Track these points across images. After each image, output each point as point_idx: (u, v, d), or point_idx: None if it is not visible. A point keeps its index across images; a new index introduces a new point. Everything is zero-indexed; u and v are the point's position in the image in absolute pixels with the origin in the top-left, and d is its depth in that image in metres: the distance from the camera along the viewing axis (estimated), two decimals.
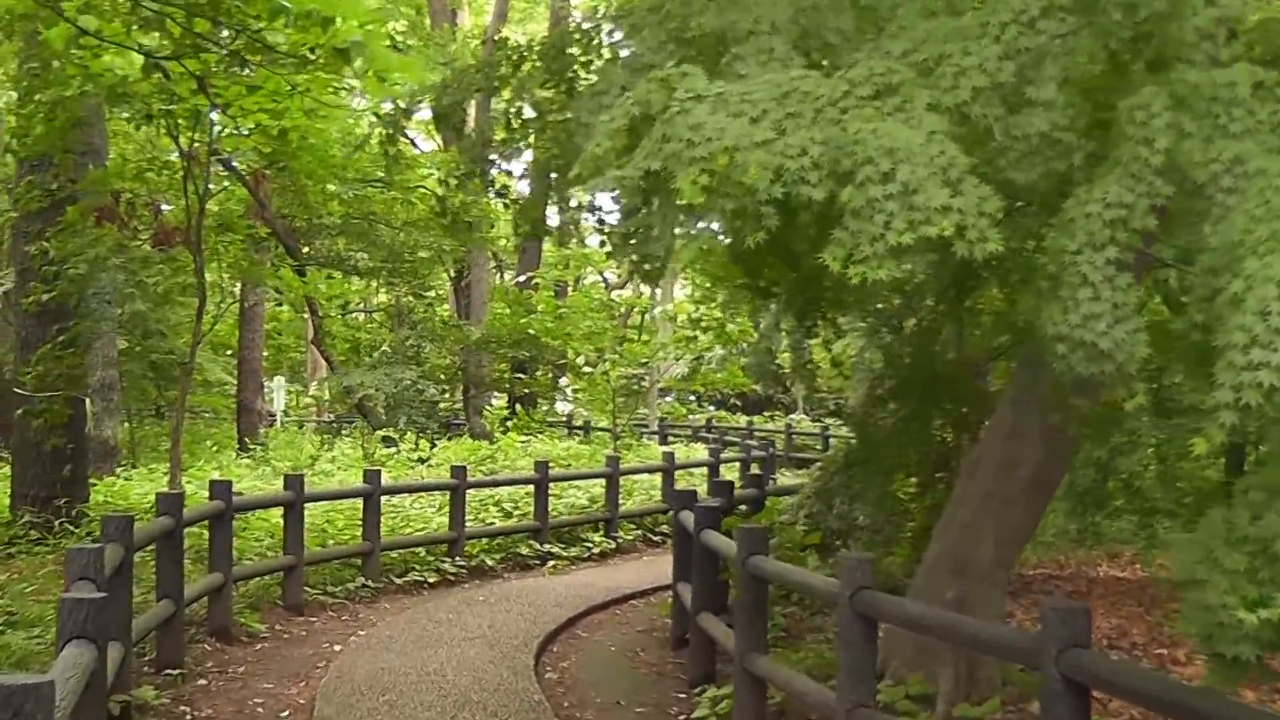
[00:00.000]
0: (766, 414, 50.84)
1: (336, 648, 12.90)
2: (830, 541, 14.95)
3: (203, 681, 11.35)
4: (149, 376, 20.35)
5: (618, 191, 7.12)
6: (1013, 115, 7.01)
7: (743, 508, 15.79)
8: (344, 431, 37.06)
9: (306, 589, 15.00)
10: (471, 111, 33.97)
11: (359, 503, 16.68)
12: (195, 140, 15.18)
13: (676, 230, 7.33)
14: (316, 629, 13.97)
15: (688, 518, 12.50)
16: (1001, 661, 9.86)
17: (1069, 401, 8.47)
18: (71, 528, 15.94)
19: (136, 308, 15.06)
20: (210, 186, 16.01)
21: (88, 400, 16.72)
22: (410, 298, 36.68)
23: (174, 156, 16.46)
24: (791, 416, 48.48)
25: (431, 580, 17.00)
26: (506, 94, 11.52)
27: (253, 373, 31.36)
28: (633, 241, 7.33)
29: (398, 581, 16.66)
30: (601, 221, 11.86)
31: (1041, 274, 7.00)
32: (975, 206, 6.46)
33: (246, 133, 13.79)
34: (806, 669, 10.99)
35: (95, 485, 18.81)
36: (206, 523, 13.16)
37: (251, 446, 29.17)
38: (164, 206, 16.44)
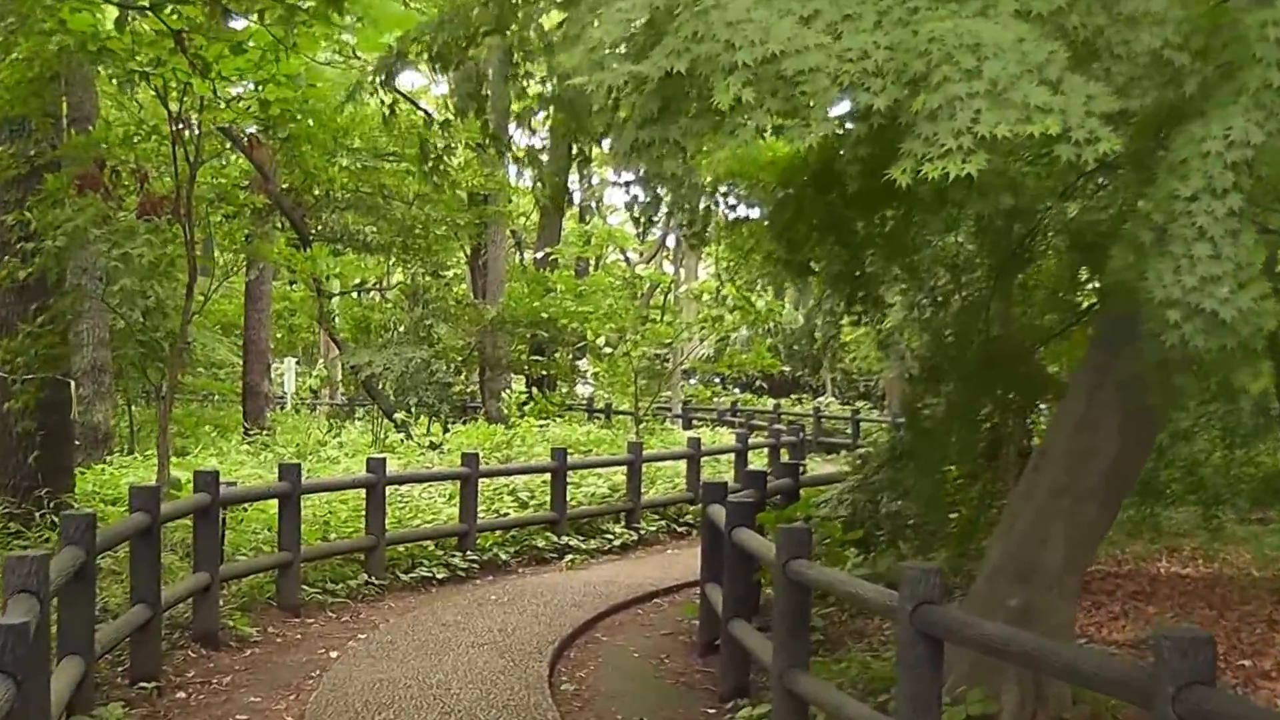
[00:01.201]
0: (794, 397, 49.67)
1: (333, 654, 11.78)
2: (872, 537, 13.83)
3: (181, 694, 10.23)
4: (150, 357, 19.13)
5: (628, 93, 5.88)
6: (1116, 27, 5.77)
7: (775, 499, 14.71)
8: (357, 415, 36.04)
9: (304, 588, 13.90)
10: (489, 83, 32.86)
11: (364, 493, 15.54)
12: (185, 104, 14.03)
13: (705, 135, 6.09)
14: (313, 632, 12.85)
15: (718, 513, 11.35)
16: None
17: (1174, 382, 7.20)
18: (54, 519, 14.79)
19: (122, 283, 13.84)
20: (201, 154, 14.78)
21: (73, 383, 15.54)
22: (428, 277, 35.53)
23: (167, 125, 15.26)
24: (820, 399, 47.32)
25: (440, 576, 15.88)
26: (515, 26, 10.27)
27: (259, 354, 30.21)
28: (647, 150, 6.06)
29: (404, 578, 15.53)
30: (629, 190, 10.75)
31: (1144, 224, 5.79)
32: (1082, 105, 5.27)
33: (226, 101, 12.68)
34: (850, 681, 9.91)
35: (84, 473, 17.73)
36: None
37: (257, 431, 28.07)
38: (151, 175, 15.17)
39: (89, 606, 8.47)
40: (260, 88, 12.51)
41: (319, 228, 29.70)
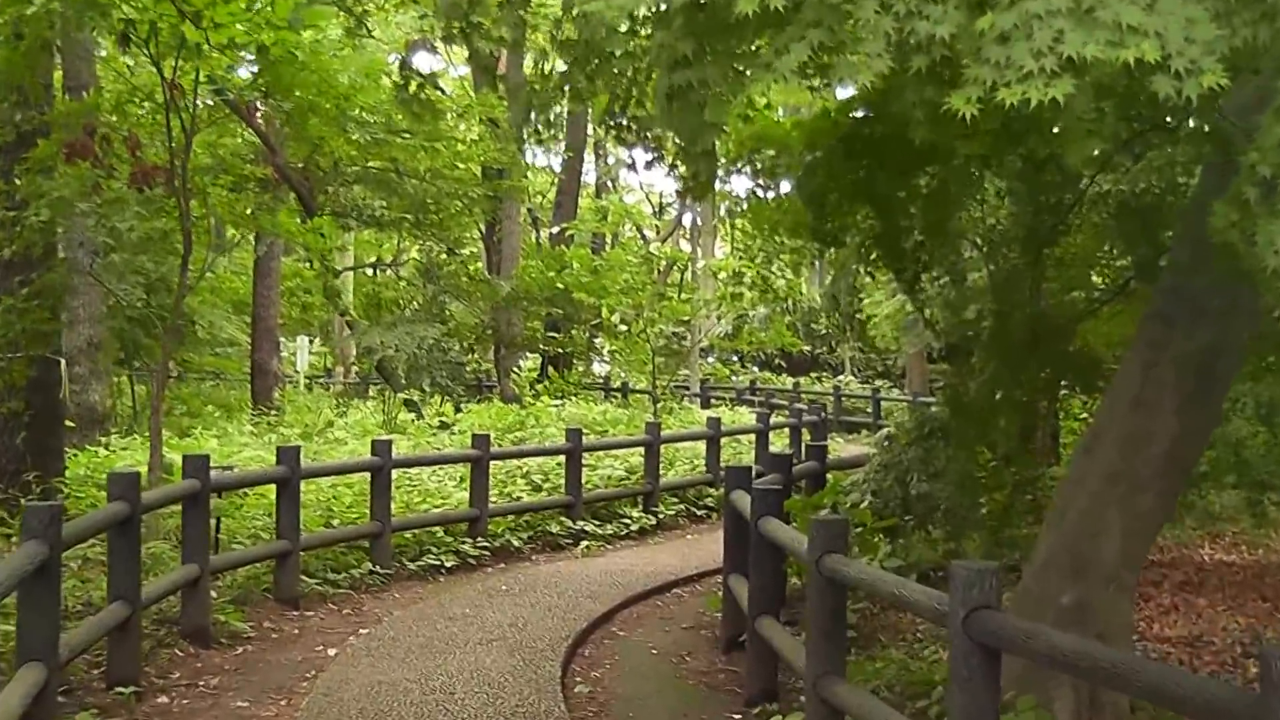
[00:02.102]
0: (813, 375, 48.84)
1: (331, 651, 11.02)
2: (901, 522, 13.05)
3: (162, 699, 9.45)
4: (146, 334, 18.37)
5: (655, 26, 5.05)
6: None
7: (800, 483, 13.95)
8: (370, 393, 35.28)
9: (304, 578, 13.14)
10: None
11: (369, 477, 14.78)
12: (181, 66, 13.25)
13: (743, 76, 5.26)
14: (311, 626, 12.09)
15: (742, 501, 10.57)
16: None
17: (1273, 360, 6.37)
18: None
19: (111, 258, 13.09)
20: (198, 122, 14.00)
21: (63, 362, 14.79)
22: (444, 254, 34.75)
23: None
24: (839, 378, 46.48)
25: (449, 564, 15.11)
26: None
27: (268, 331, 29.45)
28: (683, 94, 5.24)
29: (411, 566, 14.78)
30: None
31: (1249, 178, 4.95)
32: (1181, 30, 4.45)
33: (219, 48, 11.88)
34: (886, 684, 9.16)
35: (76, 456, 17.01)
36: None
37: (264, 411, 27.33)
38: (145, 144, 14.38)
39: (52, 608, 7.69)
40: (255, 33, 11.73)
41: (327, 202, 28.89)
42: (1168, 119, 8.81)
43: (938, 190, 10.41)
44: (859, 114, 9.28)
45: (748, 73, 5.18)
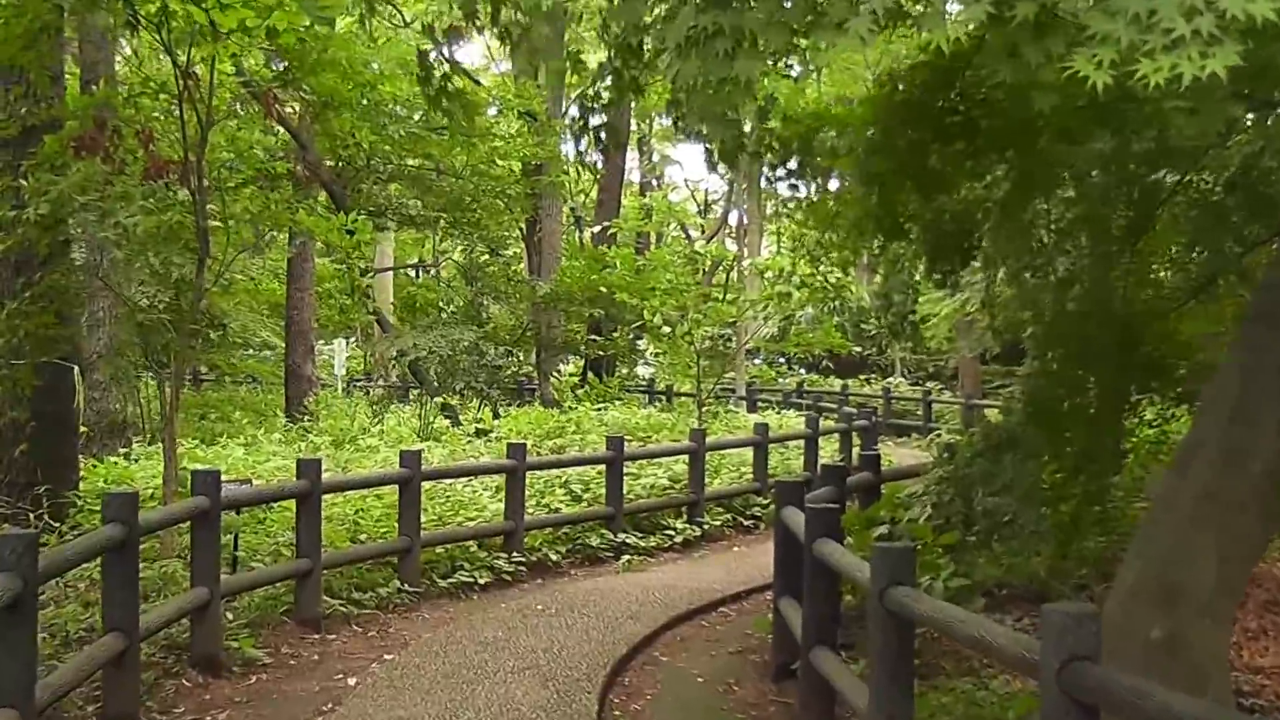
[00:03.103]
0: (862, 377, 47.85)
1: (351, 681, 10.22)
2: (964, 538, 12.13)
3: None
4: (160, 338, 17.62)
5: None
6: None
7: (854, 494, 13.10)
8: (410, 398, 34.51)
9: (326, 599, 12.33)
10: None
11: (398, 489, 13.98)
12: (194, 53, 12.51)
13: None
14: (332, 652, 11.28)
15: (795, 520, 9.72)
16: None
17: None
18: (52, 521, 13.33)
19: (114, 255, 12.33)
20: (214, 113, 13.23)
21: (76, 368, 14.02)
22: (485, 255, 33.97)
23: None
24: (889, 380, 45.47)
25: (483, 581, 14.29)
26: None
27: (301, 334, 28.67)
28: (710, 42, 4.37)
29: (441, 584, 13.97)
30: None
31: None
32: None
33: (227, 32, 11.12)
34: None
35: (93, 466, 16.28)
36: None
37: (299, 416, 26.59)
38: (160, 137, 13.60)
39: (27, 646, 6.91)
40: (265, 16, 10.98)
41: (361, 201, 28.12)
42: None
43: (1011, 173, 9.44)
44: (925, 79, 8.31)
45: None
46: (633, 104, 44.33)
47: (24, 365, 12.69)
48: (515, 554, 15.00)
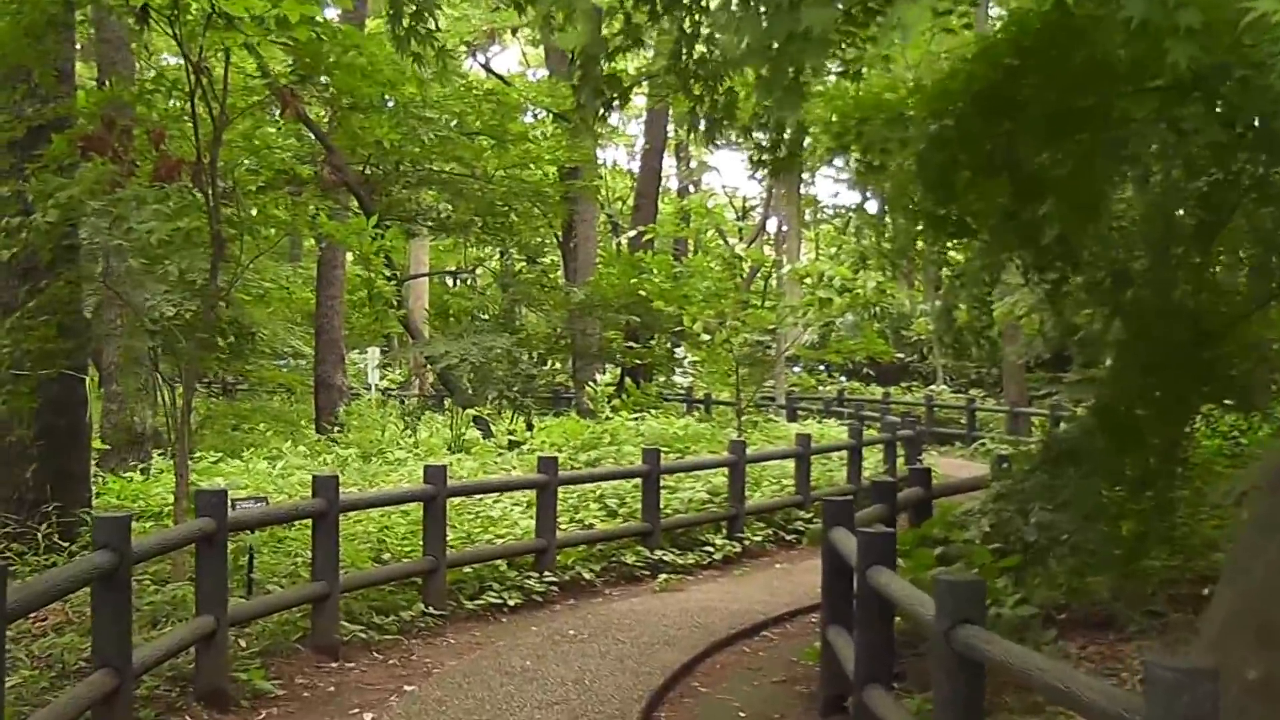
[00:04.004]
0: (903, 385, 46.99)
1: (367, 717, 9.52)
2: (1026, 561, 11.33)
3: None
4: (178, 347, 16.96)
5: None
6: None
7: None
8: (443, 407, 33.83)
9: (345, 624, 11.63)
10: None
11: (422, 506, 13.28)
12: (205, 43, 11.84)
13: None
14: (350, 682, 10.57)
15: (845, 543, 8.98)
16: None
17: None
18: (61, 541, 12.67)
19: (128, 263, 11.69)
20: (227, 112, 12.57)
21: (87, 379, 13.38)
22: (522, 262, 33.31)
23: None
24: (931, 387, 44.60)
25: (513, 602, 13.58)
26: None
27: (332, 343, 28.00)
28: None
29: (469, 606, 13.26)
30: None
31: None
32: None
33: (230, 18, 10.45)
34: None
35: (107, 482, 15.64)
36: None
37: (329, 427, 25.93)
38: (174, 137, 12.97)
39: None
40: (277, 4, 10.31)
41: (392, 206, 27.45)
42: None
43: (1083, 161, 8.62)
44: (1006, 62, 7.53)
45: None
46: (669, 109, 43.78)
47: (25, 379, 12.02)
48: (547, 573, 14.30)
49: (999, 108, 7.54)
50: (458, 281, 56.08)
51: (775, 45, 3.87)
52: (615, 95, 8.68)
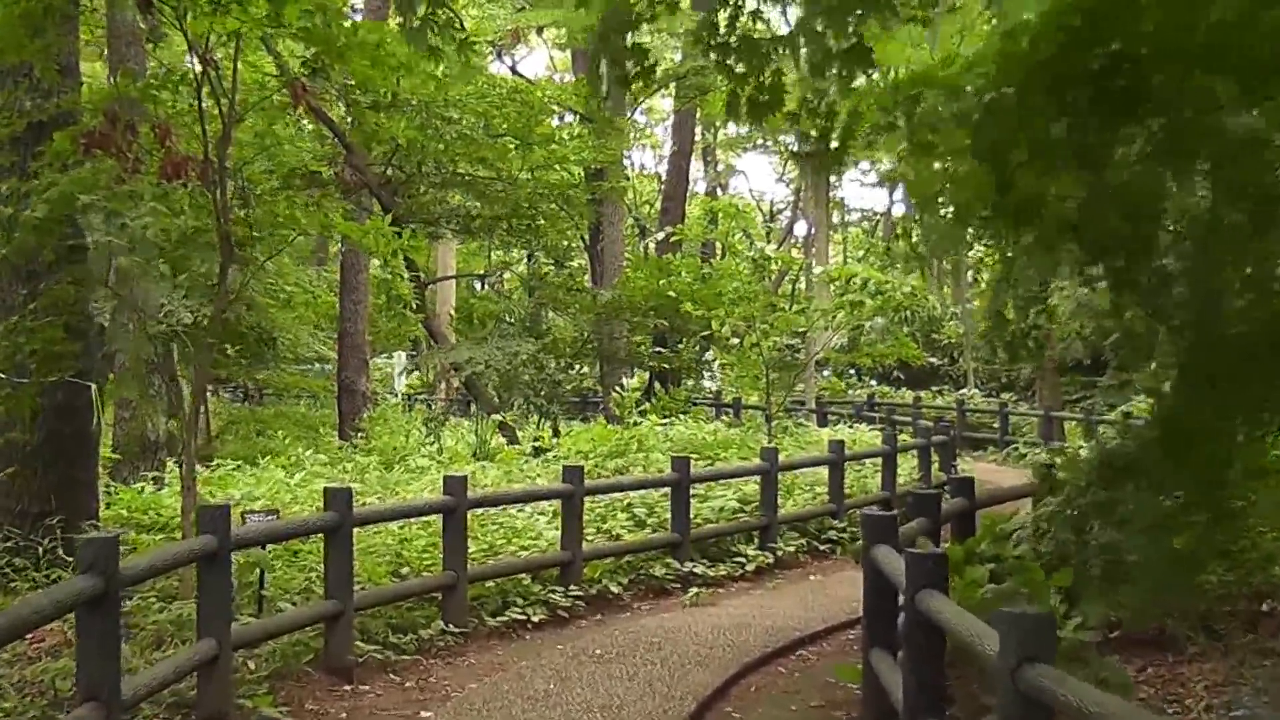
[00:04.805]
0: (933, 389, 46.30)
1: None
2: (1082, 578, 10.66)
3: None
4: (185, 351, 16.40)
5: None
6: None
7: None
8: (470, 413, 33.27)
9: (359, 644, 11.04)
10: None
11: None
12: (210, 28, 11.30)
13: None
14: (363, 707, 9.98)
15: (890, 564, 8.37)
16: None
17: None
18: (65, 555, 12.10)
19: (120, 261, 11.13)
20: (237, 107, 12.02)
21: (94, 385, 12.80)
22: (549, 266, 32.76)
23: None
24: (962, 391, 43.91)
25: (537, 618, 12.99)
26: None
27: (355, 348, 27.43)
28: None
29: (491, 622, 12.67)
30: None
31: None
32: None
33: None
34: None
35: (117, 493, 15.09)
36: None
37: (353, 433, 25.36)
38: (181, 133, 12.41)
39: None
40: None
41: (416, 209, 26.87)
42: None
43: (1164, 140, 7.90)
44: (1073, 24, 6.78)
45: None
46: (697, 112, 43.24)
47: (27, 385, 11.48)
48: (572, 586, 13.72)
49: (1071, 76, 6.86)
50: (484, 285, 55.60)
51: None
52: (639, 68, 8.03)
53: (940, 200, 9.03)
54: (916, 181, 8.95)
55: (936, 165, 8.55)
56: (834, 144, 6.06)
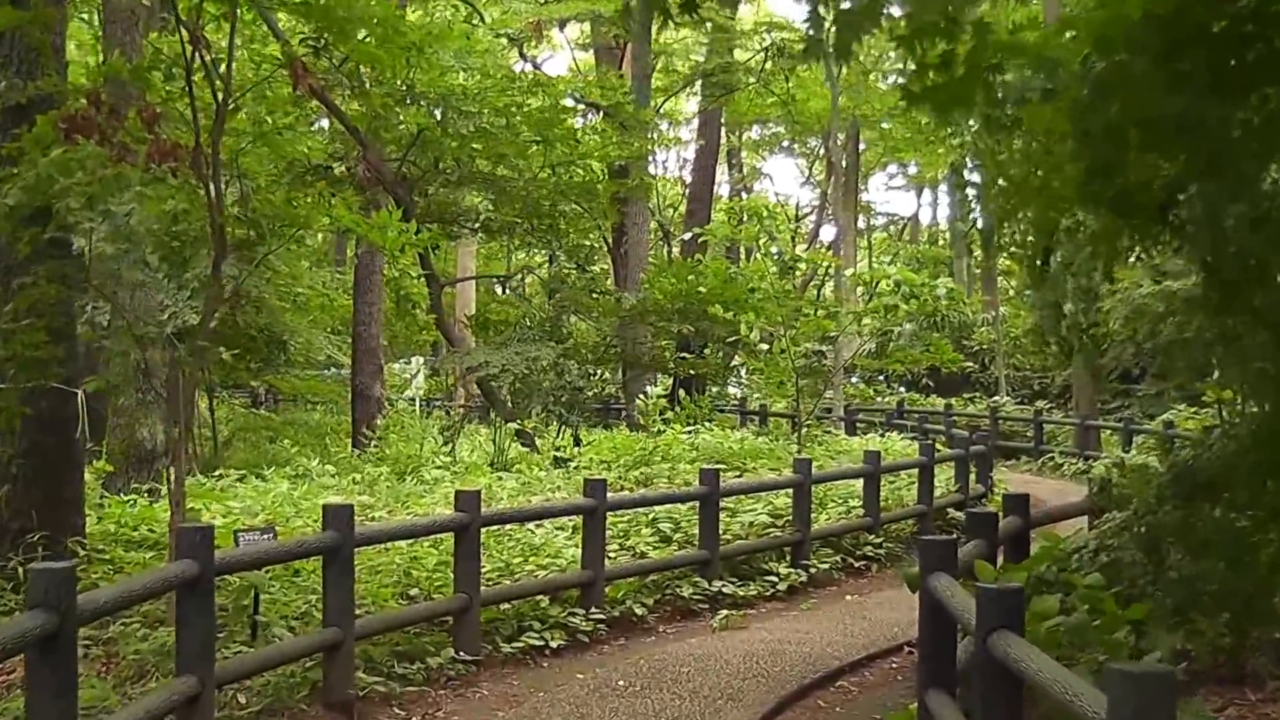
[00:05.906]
0: (965, 396, 45.28)
1: None
2: (1158, 611, 9.65)
3: None
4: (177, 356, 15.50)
5: None
6: None
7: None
8: (489, 419, 32.39)
9: (361, 675, 10.10)
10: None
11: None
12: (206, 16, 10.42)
13: None
14: None
15: (954, 598, 7.38)
16: None
17: None
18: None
19: (101, 249, 10.21)
20: (232, 90, 11.11)
21: (80, 393, 11.89)
22: (571, 269, 31.85)
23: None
24: (994, 399, 42.89)
25: (555, 644, 12.03)
26: None
27: (369, 352, 26.57)
28: None
29: (506, 649, 11.71)
30: None
31: None
32: None
33: None
34: None
35: (109, 508, 14.18)
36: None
37: (366, 440, 24.48)
38: (173, 119, 11.53)
39: None
40: None
41: (436, 209, 26.00)
42: None
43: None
44: None
45: None
46: (723, 110, 42.41)
47: (5, 391, 10.57)
48: (594, 609, 12.78)
49: (1180, 46, 5.85)
50: (505, 288, 54.76)
51: None
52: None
53: (1012, 189, 8.00)
54: (991, 165, 7.92)
55: (1017, 144, 7.54)
56: (959, 71, 5.10)
